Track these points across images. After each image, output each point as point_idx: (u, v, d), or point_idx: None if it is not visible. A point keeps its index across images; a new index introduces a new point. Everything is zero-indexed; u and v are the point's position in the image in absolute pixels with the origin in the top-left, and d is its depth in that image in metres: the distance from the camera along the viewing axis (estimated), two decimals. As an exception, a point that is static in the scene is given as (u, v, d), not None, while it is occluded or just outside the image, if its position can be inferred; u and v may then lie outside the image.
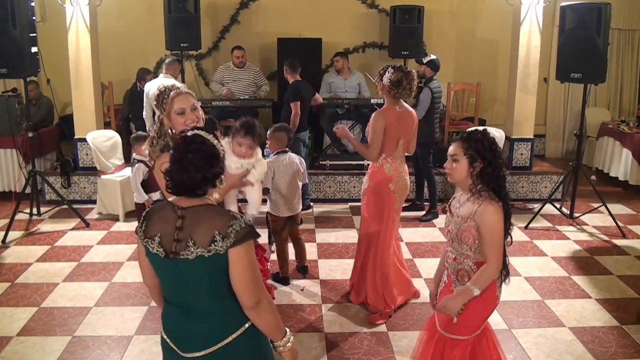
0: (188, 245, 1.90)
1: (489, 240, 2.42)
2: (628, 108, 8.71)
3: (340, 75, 7.52)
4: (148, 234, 2.00)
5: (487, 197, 2.42)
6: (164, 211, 2.02)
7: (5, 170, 6.67)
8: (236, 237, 1.90)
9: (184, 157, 1.96)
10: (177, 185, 1.98)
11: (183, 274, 1.95)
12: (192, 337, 2.01)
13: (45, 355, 3.55)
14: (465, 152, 2.44)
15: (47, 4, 7.68)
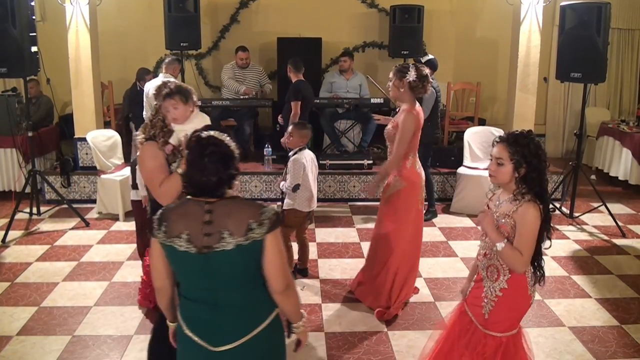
0: (223, 236, 1.95)
1: (523, 237, 2.41)
2: (628, 108, 8.71)
3: (342, 76, 7.53)
4: (172, 233, 2.00)
5: (530, 199, 2.42)
6: (185, 208, 2.04)
7: (5, 169, 6.67)
8: (270, 223, 1.99)
9: (201, 160, 1.99)
10: (195, 187, 2.02)
11: (216, 267, 1.99)
12: (222, 331, 2.04)
13: (45, 354, 3.55)
14: (511, 157, 2.43)
15: (47, 4, 7.68)
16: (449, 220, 6.15)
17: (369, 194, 4.53)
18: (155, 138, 2.76)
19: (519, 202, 2.43)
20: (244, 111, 7.41)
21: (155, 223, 2.04)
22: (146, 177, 2.76)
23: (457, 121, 7.82)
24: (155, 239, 2.05)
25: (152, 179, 2.72)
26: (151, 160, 2.73)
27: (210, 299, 2.04)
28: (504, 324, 2.54)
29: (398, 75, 3.86)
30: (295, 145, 4.45)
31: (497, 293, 2.52)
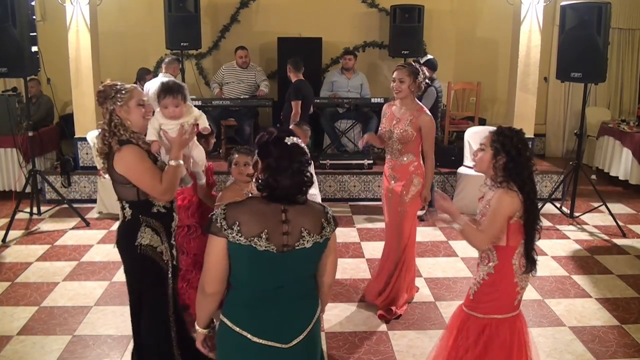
0: (303, 235, 2.00)
1: (488, 217, 2.56)
2: (628, 107, 8.71)
3: (344, 75, 7.54)
4: (250, 233, 1.95)
5: (505, 187, 2.54)
6: (257, 208, 2.00)
7: (6, 169, 6.67)
8: (334, 222, 2.10)
9: (290, 166, 1.98)
10: (281, 192, 1.99)
11: (292, 265, 2.03)
12: (290, 326, 2.07)
13: (45, 354, 3.55)
14: (492, 144, 2.58)
15: (47, 3, 7.68)
16: (449, 220, 6.14)
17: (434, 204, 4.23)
18: (131, 141, 2.70)
19: (497, 189, 2.57)
20: (245, 111, 7.41)
21: (224, 223, 1.96)
22: (139, 177, 2.68)
23: (457, 121, 7.82)
24: (223, 238, 1.97)
25: (149, 178, 2.68)
26: (141, 162, 2.68)
27: (274, 297, 2.04)
28: (487, 306, 2.64)
29: (413, 77, 3.84)
30: None
31: (484, 276, 2.66)
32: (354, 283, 4.56)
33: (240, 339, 2.03)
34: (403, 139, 3.90)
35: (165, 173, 2.73)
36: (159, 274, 2.82)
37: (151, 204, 2.77)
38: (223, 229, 1.96)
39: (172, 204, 2.89)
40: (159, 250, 2.79)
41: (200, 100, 7.03)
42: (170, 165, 2.75)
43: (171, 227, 2.87)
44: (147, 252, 2.76)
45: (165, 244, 2.82)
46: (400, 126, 3.90)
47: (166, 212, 2.83)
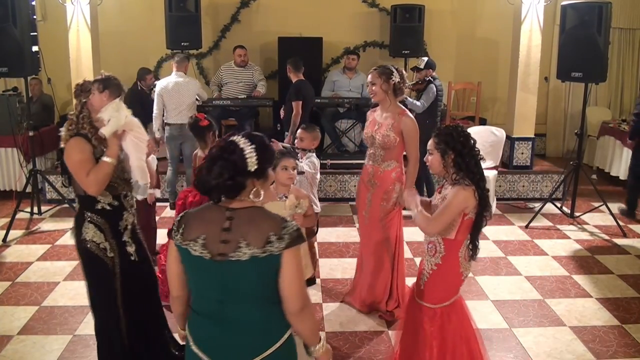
0: (240, 246, 1.86)
1: (440, 208, 2.68)
2: (629, 107, 8.69)
3: (345, 75, 7.54)
4: (189, 236, 1.92)
5: (461, 183, 2.65)
6: (207, 213, 1.98)
7: (6, 169, 6.67)
8: (290, 238, 1.88)
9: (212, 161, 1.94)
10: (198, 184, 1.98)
11: (229, 277, 1.90)
12: (230, 349, 1.94)
13: (45, 354, 3.55)
14: (436, 146, 2.72)
15: (48, 3, 7.68)
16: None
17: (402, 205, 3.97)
18: (80, 133, 2.79)
19: (453, 186, 2.68)
20: (245, 111, 7.41)
21: (175, 225, 1.98)
22: (73, 169, 2.78)
23: (457, 121, 7.81)
24: (172, 240, 1.99)
25: (79, 170, 2.75)
26: (79, 154, 2.76)
27: (219, 313, 1.94)
28: (436, 297, 2.77)
29: (384, 77, 3.73)
30: (309, 146, 4.33)
31: (433, 267, 2.78)
32: (355, 283, 4.56)
33: (188, 345, 2.03)
34: (385, 145, 3.78)
35: (95, 167, 2.78)
36: (104, 269, 2.88)
37: (95, 201, 2.83)
38: (173, 232, 1.98)
39: (122, 202, 2.92)
40: (102, 246, 2.85)
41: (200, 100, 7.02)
42: (102, 162, 2.79)
43: (119, 225, 2.91)
44: (90, 247, 2.85)
45: (112, 241, 2.88)
46: (381, 131, 3.79)
47: (112, 209, 2.87)
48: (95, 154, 2.79)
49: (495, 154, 6.45)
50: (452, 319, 2.77)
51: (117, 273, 2.91)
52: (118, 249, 2.90)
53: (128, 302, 2.96)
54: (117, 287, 2.91)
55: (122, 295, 2.93)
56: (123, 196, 2.93)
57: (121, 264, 2.92)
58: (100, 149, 2.81)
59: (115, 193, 2.88)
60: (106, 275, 2.89)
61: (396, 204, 3.89)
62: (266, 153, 1.99)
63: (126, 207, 2.95)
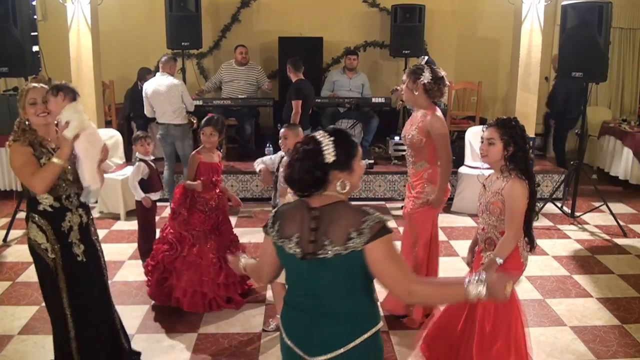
0: (324, 244, 1.91)
1: (509, 213, 2.77)
2: (629, 107, 8.71)
3: (345, 74, 7.54)
4: (284, 234, 2.00)
5: (515, 176, 2.77)
6: (297, 211, 2.02)
7: (7, 169, 6.67)
8: (371, 232, 1.89)
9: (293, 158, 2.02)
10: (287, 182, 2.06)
11: (319, 274, 1.96)
12: (320, 340, 1.99)
13: (46, 353, 3.55)
14: (501, 137, 2.78)
15: (48, 3, 7.69)
16: (450, 219, 6.15)
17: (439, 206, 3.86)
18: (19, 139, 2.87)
19: (507, 180, 2.78)
20: (245, 110, 7.42)
21: (270, 220, 2.06)
22: (17, 172, 2.89)
23: (458, 120, 7.81)
24: (268, 237, 2.07)
25: (23, 172, 2.83)
26: (18, 157, 2.83)
27: (311, 306, 2.00)
28: None
29: (412, 76, 3.62)
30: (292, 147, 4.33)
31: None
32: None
33: (281, 336, 2.12)
34: (412, 145, 3.70)
35: (42, 168, 2.83)
36: (46, 268, 2.94)
37: (38, 202, 2.89)
38: (268, 228, 2.06)
39: (62, 203, 2.93)
40: (43, 247, 2.90)
41: (201, 100, 7.04)
42: (50, 162, 2.83)
43: (62, 226, 2.93)
44: (33, 246, 2.92)
45: (54, 242, 2.91)
46: (409, 131, 3.70)
47: (53, 211, 2.90)
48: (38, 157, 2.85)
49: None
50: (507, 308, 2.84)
51: (59, 273, 2.95)
52: (62, 250, 2.94)
53: (76, 303, 3.02)
54: (62, 286, 2.97)
55: (67, 295, 2.99)
56: (65, 197, 2.94)
57: (64, 265, 2.95)
58: (40, 150, 2.87)
59: (56, 195, 2.90)
60: (48, 273, 2.95)
61: (426, 204, 3.73)
62: (345, 145, 2.00)
63: (69, 208, 2.96)
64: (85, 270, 3.06)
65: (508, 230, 2.78)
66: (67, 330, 3.05)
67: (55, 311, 3.06)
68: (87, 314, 3.10)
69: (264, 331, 3.82)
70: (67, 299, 2.99)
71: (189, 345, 3.66)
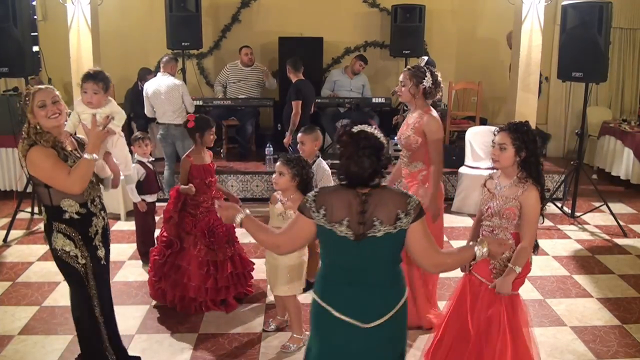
0: (374, 224, 2.14)
1: (527, 221, 2.78)
2: (629, 107, 8.70)
3: (346, 75, 7.54)
4: (334, 219, 2.17)
5: (532, 183, 2.77)
6: (344, 196, 2.19)
7: (7, 169, 6.68)
8: (415, 212, 2.17)
9: (357, 154, 2.15)
10: (351, 178, 2.19)
11: (367, 251, 2.18)
12: (372, 308, 2.22)
13: (46, 354, 3.55)
14: (513, 142, 2.77)
15: (49, 3, 7.68)
16: (451, 219, 6.14)
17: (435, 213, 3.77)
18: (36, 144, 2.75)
19: (524, 185, 2.78)
20: (246, 110, 7.42)
21: (313, 205, 2.20)
22: (48, 176, 2.74)
23: (458, 121, 7.81)
24: (311, 220, 2.20)
25: (56, 173, 2.72)
26: (46, 160, 2.72)
27: (360, 279, 2.21)
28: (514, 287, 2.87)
29: (415, 80, 3.61)
30: (311, 152, 4.18)
31: (506, 263, 2.84)
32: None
33: (324, 312, 2.25)
34: (407, 146, 3.69)
35: (75, 166, 2.75)
36: (75, 276, 2.89)
37: (62, 211, 2.80)
38: (311, 211, 2.20)
39: (88, 208, 2.88)
40: (73, 254, 2.84)
41: (201, 100, 7.04)
42: (83, 159, 2.77)
43: (89, 232, 2.89)
44: (61, 255, 2.84)
45: (82, 248, 2.86)
46: (404, 132, 3.68)
47: (80, 218, 2.84)
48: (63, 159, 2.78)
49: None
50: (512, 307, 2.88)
51: (89, 280, 2.91)
52: (90, 254, 2.89)
53: (104, 308, 3.00)
54: (93, 294, 2.93)
55: (98, 300, 2.96)
56: (90, 202, 2.90)
57: (93, 269, 2.92)
58: (62, 153, 2.79)
59: (82, 201, 2.84)
60: (80, 282, 2.91)
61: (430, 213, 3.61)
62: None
63: (94, 213, 2.93)
64: (106, 273, 3.05)
65: (525, 239, 2.79)
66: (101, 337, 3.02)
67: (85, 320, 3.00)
68: (111, 319, 3.09)
69: (264, 331, 3.82)
70: (98, 305, 2.96)
71: (189, 345, 3.66)
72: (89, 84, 2.96)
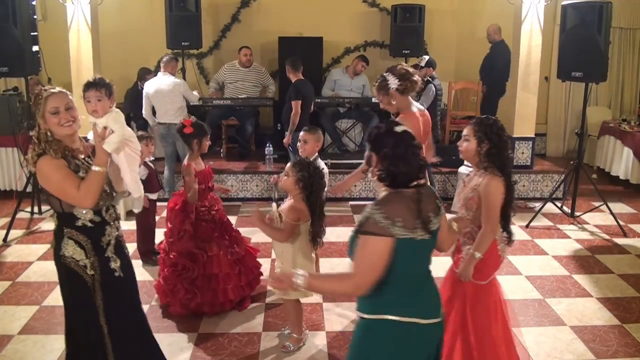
0: (431, 220, 2.12)
1: (485, 208, 2.82)
2: (629, 107, 8.71)
3: (347, 74, 7.54)
4: (410, 225, 2.07)
5: (491, 172, 2.82)
6: (400, 199, 2.10)
7: (7, 168, 6.68)
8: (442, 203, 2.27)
9: (406, 153, 2.11)
10: (401, 178, 2.12)
11: (429, 247, 2.20)
12: (438, 302, 2.26)
13: (46, 353, 3.55)
14: (475, 133, 2.86)
15: (48, 3, 7.69)
16: (450, 219, 6.14)
17: (337, 193, 4.01)
18: (45, 152, 2.59)
19: (484, 176, 2.85)
20: (246, 110, 7.42)
21: (386, 221, 2.02)
22: (57, 188, 2.58)
23: (458, 120, 7.82)
24: (389, 237, 2.02)
25: (66, 187, 2.56)
26: (56, 172, 2.55)
27: (428, 276, 2.24)
28: (478, 275, 2.92)
29: (382, 92, 3.67)
30: (312, 151, 4.15)
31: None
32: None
33: (409, 329, 2.11)
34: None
35: (85, 180, 2.60)
36: (82, 285, 2.71)
37: (75, 217, 2.65)
38: (388, 228, 2.02)
39: (103, 217, 2.72)
40: (82, 264, 2.67)
41: (201, 100, 7.04)
42: (91, 172, 2.61)
43: (101, 241, 2.72)
44: (69, 263, 2.67)
45: (92, 258, 2.69)
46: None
47: (93, 226, 2.69)
48: (74, 170, 2.62)
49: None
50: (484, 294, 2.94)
51: (97, 290, 2.72)
52: (100, 265, 2.72)
53: (113, 318, 2.80)
54: (99, 303, 2.73)
55: (104, 311, 2.76)
56: (105, 210, 2.74)
57: (103, 280, 2.73)
58: (74, 163, 2.64)
59: (97, 208, 2.68)
60: (85, 291, 2.71)
61: None
62: None
63: (108, 222, 2.76)
64: (123, 286, 2.85)
65: (485, 225, 2.83)
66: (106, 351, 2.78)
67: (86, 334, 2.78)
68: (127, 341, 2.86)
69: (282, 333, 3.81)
70: (104, 318, 2.75)
71: (189, 345, 3.66)
72: (90, 92, 2.83)
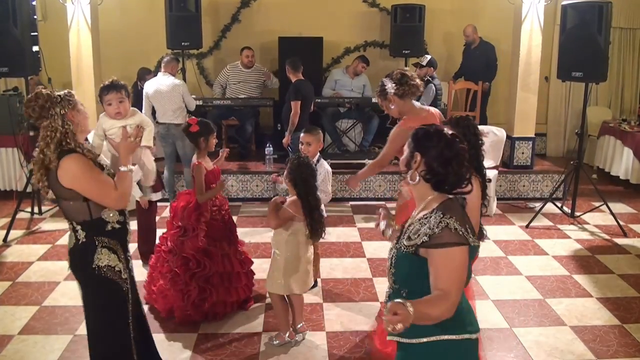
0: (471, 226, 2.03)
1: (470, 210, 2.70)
2: (629, 107, 8.71)
3: (347, 74, 7.55)
4: (473, 232, 2.03)
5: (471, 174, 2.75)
6: (456, 205, 2.04)
7: (6, 169, 6.67)
8: None
9: (458, 156, 1.99)
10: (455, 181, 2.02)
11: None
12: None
13: (46, 354, 3.55)
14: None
15: (49, 3, 7.69)
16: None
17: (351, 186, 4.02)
18: (76, 149, 2.49)
19: None
20: (246, 110, 7.42)
21: (463, 229, 1.92)
22: (93, 189, 2.48)
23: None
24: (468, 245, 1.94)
25: (102, 188, 2.49)
26: (89, 171, 2.48)
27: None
28: None
29: (381, 98, 3.67)
30: (315, 152, 4.18)
31: None
32: (355, 282, 4.57)
33: (466, 346, 2.00)
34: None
35: (118, 179, 2.56)
36: (119, 294, 2.65)
37: (105, 222, 2.57)
38: (467, 237, 1.94)
39: (125, 216, 2.67)
40: (117, 269, 2.61)
41: (201, 100, 7.04)
42: (121, 172, 2.58)
43: (127, 241, 2.71)
44: (106, 274, 2.58)
45: (123, 261, 2.65)
46: None
47: (121, 227, 2.64)
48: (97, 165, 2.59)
49: (496, 153, 6.46)
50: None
51: (129, 295, 2.69)
52: (128, 266, 2.70)
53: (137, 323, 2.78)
54: (130, 309, 2.69)
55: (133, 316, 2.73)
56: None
57: (130, 282, 2.71)
58: (98, 165, 2.60)
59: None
60: (122, 298, 2.66)
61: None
62: None
63: (128, 220, 2.71)
64: (135, 286, 2.83)
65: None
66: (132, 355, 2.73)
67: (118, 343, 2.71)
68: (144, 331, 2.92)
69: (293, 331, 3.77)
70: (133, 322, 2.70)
71: (189, 345, 3.66)
72: (111, 94, 2.80)
